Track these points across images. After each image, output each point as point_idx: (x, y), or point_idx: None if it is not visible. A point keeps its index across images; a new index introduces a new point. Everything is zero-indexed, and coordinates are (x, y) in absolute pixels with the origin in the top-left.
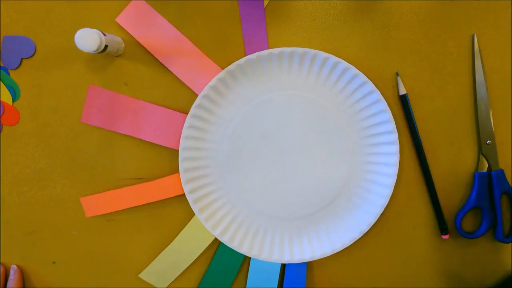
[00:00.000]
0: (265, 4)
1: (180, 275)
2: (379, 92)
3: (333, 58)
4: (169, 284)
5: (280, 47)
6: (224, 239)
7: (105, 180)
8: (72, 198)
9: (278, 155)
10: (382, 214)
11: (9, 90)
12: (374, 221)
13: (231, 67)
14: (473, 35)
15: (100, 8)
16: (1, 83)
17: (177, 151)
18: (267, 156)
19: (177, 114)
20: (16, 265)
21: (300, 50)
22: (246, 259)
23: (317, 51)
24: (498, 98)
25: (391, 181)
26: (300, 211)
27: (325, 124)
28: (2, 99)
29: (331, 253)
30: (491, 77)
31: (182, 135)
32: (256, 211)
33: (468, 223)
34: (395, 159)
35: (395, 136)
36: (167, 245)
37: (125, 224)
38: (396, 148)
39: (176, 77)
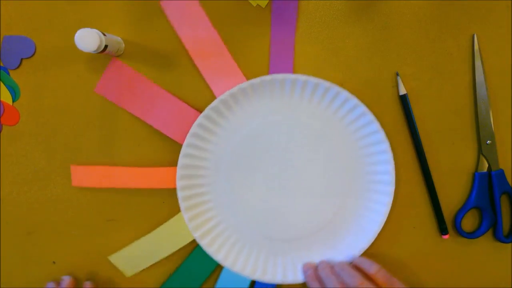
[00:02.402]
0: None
1: (147, 268)
2: (377, 123)
3: (335, 88)
4: (135, 274)
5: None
6: (210, 250)
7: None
8: (72, 198)
9: (274, 175)
10: None
11: (9, 90)
12: (366, 247)
13: (234, 89)
14: (473, 35)
15: (100, 8)
16: (1, 83)
17: (177, 155)
18: (263, 175)
19: (191, 109)
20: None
21: (303, 77)
22: (218, 268)
23: (322, 80)
24: (498, 98)
25: (385, 209)
26: (293, 233)
27: (322, 148)
28: (2, 99)
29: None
30: (491, 77)
31: (182, 148)
32: (247, 228)
33: (468, 223)
34: (391, 188)
35: (391, 168)
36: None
37: (124, 224)
38: (391, 177)
39: (176, 78)
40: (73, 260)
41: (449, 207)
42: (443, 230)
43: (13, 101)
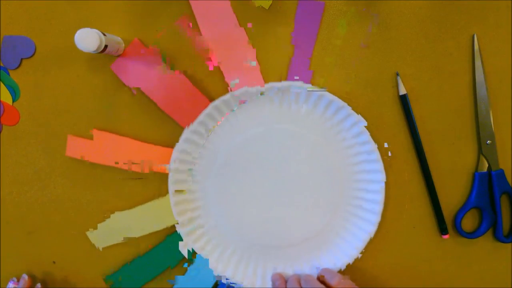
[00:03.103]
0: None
1: (117, 248)
2: (368, 133)
3: (328, 96)
4: (106, 250)
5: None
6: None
7: (104, 180)
8: (72, 198)
9: (265, 184)
10: (382, 215)
11: (9, 90)
12: (356, 256)
13: (217, 102)
14: (473, 35)
15: (100, 8)
16: (1, 83)
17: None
18: (253, 183)
19: (204, 98)
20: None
21: (285, 84)
22: (183, 261)
23: (318, 89)
24: (498, 98)
25: (376, 218)
26: (283, 241)
27: (313, 157)
28: (2, 99)
29: None
30: (491, 77)
31: (173, 153)
32: (236, 235)
33: (468, 223)
34: (380, 197)
35: (382, 176)
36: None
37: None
38: (381, 186)
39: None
40: (73, 260)
41: (449, 207)
42: (443, 230)
43: (13, 101)
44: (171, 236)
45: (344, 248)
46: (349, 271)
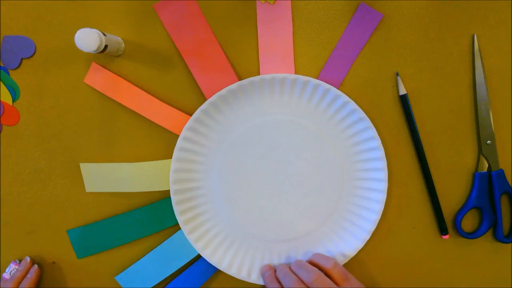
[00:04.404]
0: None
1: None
2: (368, 120)
3: (324, 85)
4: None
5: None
6: (204, 253)
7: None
8: (72, 198)
9: (267, 176)
10: (382, 214)
11: (9, 90)
12: (361, 246)
13: (223, 92)
14: (473, 35)
15: (100, 8)
16: (1, 83)
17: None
18: (255, 175)
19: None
20: (37, 266)
21: (291, 77)
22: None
23: (309, 78)
24: (498, 98)
25: (379, 207)
26: (285, 234)
27: (315, 148)
28: (2, 99)
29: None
30: (491, 77)
31: (179, 136)
32: (238, 227)
33: (468, 223)
34: (384, 186)
35: (384, 164)
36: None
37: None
38: (384, 174)
39: (177, 79)
40: (73, 260)
41: (449, 207)
42: (443, 230)
43: (13, 101)
44: (163, 200)
45: (346, 240)
46: (348, 270)
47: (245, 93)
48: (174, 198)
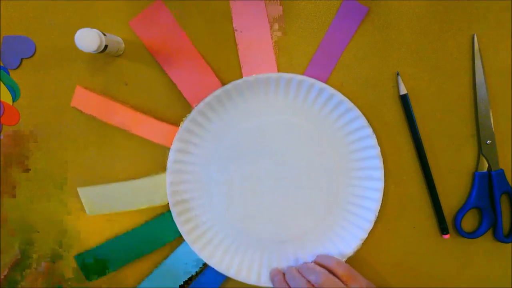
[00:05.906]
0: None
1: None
2: (364, 118)
3: (319, 84)
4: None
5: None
6: (197, 249)
7: (104, 180)
8: (72, 198)
9: (263, 178)
10: (383, 215)
11: (9, 90)
12: (360, 245)
13: (218, 91)
14: (473, 35)
15: (100, 8)
16: (1, 83)
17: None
18: (252, 179)
19: (215, 78)
20: None
21: (286, 76)
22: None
23: (292, 75)
24: (498, 98)
25: (376, 205)
26: (283, 234)
27: (311, 148)
28: (2, 99)
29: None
30: (491, 77)
31: (171, 148)
32: (235, 228)
33: (468, 223)
34: (380, 185)
35: (380, 163)
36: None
37: (124, 225)
38: (380, 173)
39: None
40: (73, 260)
41: (449, 207)
42: (443, 230)
43: (13, 101)
44: (163, 215)
45: (344, 239)
46: None
47: (230, 97)
48: (174, 210)
